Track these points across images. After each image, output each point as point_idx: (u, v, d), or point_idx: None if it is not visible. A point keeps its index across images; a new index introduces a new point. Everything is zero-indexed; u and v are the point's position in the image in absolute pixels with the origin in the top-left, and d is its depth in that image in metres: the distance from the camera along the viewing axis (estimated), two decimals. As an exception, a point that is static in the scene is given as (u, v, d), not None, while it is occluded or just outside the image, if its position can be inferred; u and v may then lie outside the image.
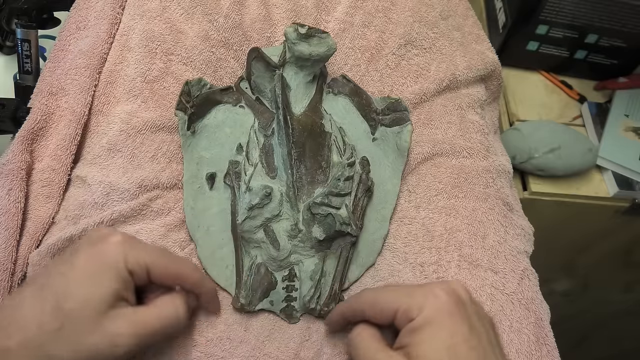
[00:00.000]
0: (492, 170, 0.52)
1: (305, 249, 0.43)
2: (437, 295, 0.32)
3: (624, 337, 1.21)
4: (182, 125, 0.44)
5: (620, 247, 0.93)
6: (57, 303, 0.31)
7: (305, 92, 0.47)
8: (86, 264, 0.32)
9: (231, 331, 0.43)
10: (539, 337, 0.44)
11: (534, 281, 0.48)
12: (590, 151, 0.76)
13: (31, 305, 0.31)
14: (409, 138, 0.47)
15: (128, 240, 0.34)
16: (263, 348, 0.42)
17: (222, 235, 0.45)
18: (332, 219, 0.42)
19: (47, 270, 0.34)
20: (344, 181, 0.44)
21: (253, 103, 0.48)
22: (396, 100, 0.48)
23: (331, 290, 0.43)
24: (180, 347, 0.41)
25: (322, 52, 0.44)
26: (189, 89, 0.45)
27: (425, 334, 0.31)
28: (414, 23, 0.55)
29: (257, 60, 0.47)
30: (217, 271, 0.44)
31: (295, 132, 0.44)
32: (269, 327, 0.43)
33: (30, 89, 0.49)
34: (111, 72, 0.48)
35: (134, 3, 0.51)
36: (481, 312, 0.34)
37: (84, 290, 0.31)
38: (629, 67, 0.87)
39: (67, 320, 0.30)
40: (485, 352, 0.31)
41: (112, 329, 0.31)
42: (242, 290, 0.43)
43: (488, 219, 0.49)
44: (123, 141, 0.46)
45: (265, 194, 0.42)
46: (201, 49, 0.49)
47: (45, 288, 0.31)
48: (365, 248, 0.46)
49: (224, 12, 0.51)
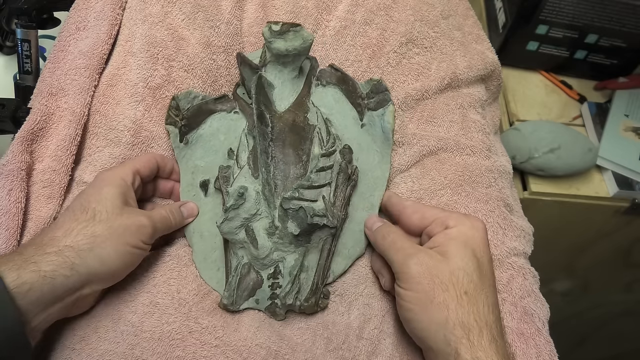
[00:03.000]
0: (494, 171, 0.52)
1: (285, 245, 0.43)
2: (474, 221, 0.40)
3: (624, 337, 1.21)
4: (174, 138, 0.46)
5: (620, 247, 0.94)
6: (83, 206, 0.39)
7: (293, 88, 0.47)
8: (91, 188, 0.41)
9: (225, 321, 0.43)
10: (524, 332, 0.44)
11: (530, 280, 0.48)
12: (590, 151, 0.77)
13: (64, 215, 0.40)
14: (391, 119, 0.46)
15: (112, 167, 0.45)
16: (255, 338, 0.42)
17: (214, 239, 0.45)
18: (304, 212, 0.41)
19: (68, 205, 0.42)
20: (316, 172, 0.43)
21: (245, 107, 0.48)
22: (377, 81, 0.47)
23: (313, 284, 0.43)
24: (176, 333, 0.41)
25: (298, 45, 0.44)
26: (177, 104, 0.46)
27: (459, 242, 0.38)
28: (415, 22, 0.55)
29: (243, 65, 0.47)
30: (209, 274, 0.45)
31: (275, 129, 0.44)
32: (260, 319, 0.43)
33: (30, 89, 0.49)
34: (113, 76, 0.48)
35: (135, 6, 0.50)
36: None
37: (97, 195, 0.40)
38: (629, 67, 0.87)
39: (95, 212, 0.38)
40: (493, 276, 0.40)
41: (133, 216, 0.40)
42: (225, 291, 0.43)
43: (487, 221, 0.49)
44: (134, 156, 0.47)
45: (239, 194, 0.42)
46: (202, 57, 0.49)
47: (68, 208, 0.40)
48: (352, 239, 0.46)
49: (226, 19, 0.51)
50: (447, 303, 0.36)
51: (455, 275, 0.37)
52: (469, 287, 0.37)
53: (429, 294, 0.36)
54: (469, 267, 0.37)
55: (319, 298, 0.43)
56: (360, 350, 0.43)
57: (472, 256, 0.38)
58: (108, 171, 0.43)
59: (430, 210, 0.42)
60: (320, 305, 0.44)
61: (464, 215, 0.41)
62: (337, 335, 0.43)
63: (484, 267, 0.38)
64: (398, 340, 0.43)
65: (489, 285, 0.38)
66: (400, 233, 0.42)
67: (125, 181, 0.41)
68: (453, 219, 0.40)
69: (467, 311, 0.36)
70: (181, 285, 0.44)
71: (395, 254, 0.40)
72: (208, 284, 0.44)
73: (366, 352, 0.43)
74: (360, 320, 0.44)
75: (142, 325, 0.41)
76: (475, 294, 0.37)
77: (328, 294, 0.45)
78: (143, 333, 0.41)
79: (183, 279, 0.44)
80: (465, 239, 0.39)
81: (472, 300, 0.36)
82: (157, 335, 0.41)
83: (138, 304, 0.42)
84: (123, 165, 0.43)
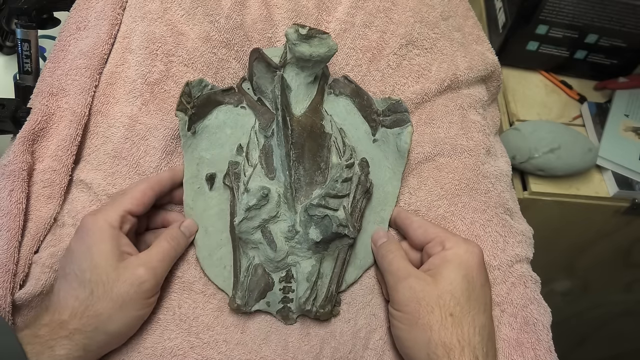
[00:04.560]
0: (492, 174, 0.52)
1: (302, 251, 0.43)
2: (470, 245, 0.42)
3: (624, 337, 1.21)
4: (183, 126, 0.44)
5: (620, 247, 0.93)
6: (79, 278, 0.38)
7: (307, 93, 0.47)
8: (80, 245, 0.39)
9: (228, 333, 0.43)
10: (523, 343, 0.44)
11: (532, 287, 0.47)
12: (590, 151, 0.77)
13: (64, 289, 0.38)
14: (409, 139, 0.47)
15: (99, 209, 0.41)
16: (260, 351, 0.42)
17: (220, 236, 0.45)
18: (329, 220, 0.42)
19: (60, 265, 0.41)
20: (341, 183, 0.43)
21: (254, 104, 0.48)
22: (397, 102, 0.48)
23: (327, 291, 0.43)
24: (178, 349, 0.41)
25: (323, 52, 0.44)
26: (190, 90, 0.45)
27: (452, 264, 0.40)
28: (415, 23, 0.55)
29: (258, 61, 0.47)
30: (215, 272, 0.44)
31: (295, 133, 0.44)
32: (266, 330, 0.43)
33: (30, 89, 0.49)
34: (112, 74, 0.48)
35: (134, 4, 0.50)
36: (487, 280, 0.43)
37: (89, 260, 0.38)
38: (629, 67, 0.87)
39: (92, 285, 0.37)
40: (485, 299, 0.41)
41: (130, 273, 0.38)
42: (238, 291, 0.43)
43: (485, 232, 0.49)
44: (128, 149, 0.46)
45: (262, 195, 0.42)
46: (202, 51, 0.49)
47: (64, 275, 0.39)
48: (363, 250, 0.46)
49: (225, 13, 0.51)
50: (431, 324, 0.38)
51: (442, 298, 0.39)
52: (455, 309, 0.39)
53: (414, 316, 0.39)
54: (457, 290, 0.39)
55: (333, 305, 0.44)
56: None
57: (462, 279, 0.40)
58: (92, 217, 0.40)
59: (433, 228, 0.44)
60: (334, 313, 0.44)
61: (462, 239, 0.42)
62: (344, 345, 0.43)
63: (475, 290, 0.40)
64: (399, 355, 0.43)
65: (479, 308, 0.40)
66: (398, 253, 0.43)
67: (113, 228, 0.39)
68: (451, 241, 0.42)
69: (450, 332, 0.38)
70: (182, 300, 0.43)
71: (389, 275, 0.42)
72: (214, 282, 0.44)
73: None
74: (366, 330, 0.44)
75: (145, 341, 0.41)
76: (460, 316, 0.38)
77: (340, 302, 0.45)
78: (145, 349, 0.41)
79: (182, 290, 0.44)
80: (459, 261, 0.40)
81: (457, 322, 0.38)
82: (158, 351, 0.41)
83: None
84: (111, 205, 0.41)
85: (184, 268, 0.45)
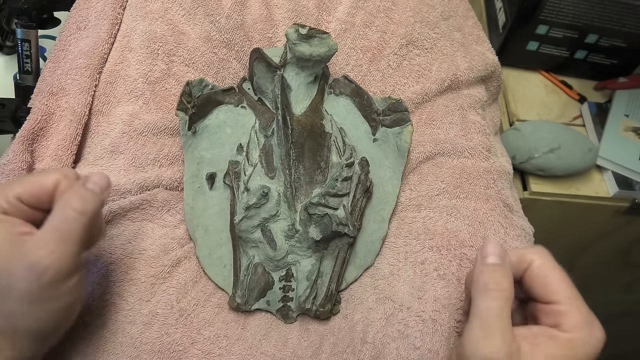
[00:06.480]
0: (493, 172, 0.52)
1: (302, 250, 0.43)
2: (595, 332, 0.33)
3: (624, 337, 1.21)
4: (183, 125, 0.44)
5: (620, 247, 0.93)
6: None
7: (307, 92, 0.47)
8: None
9: (228, 329, 0.43)
10: None
11: None
12: (590, 151, 0.76)
13: None
14: (409, 139, 0.47)
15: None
16: (260, 346, 0.42)
17: (220, 235, 0.45)
18: (329, 219, 0.42)
19: None
20: (341, 182, 0.43)
21: (254, 103, 0.48)
22: (397, 101, 0.48)
23: (327, 290, 0.43)
24: (178, 345, 0.41)
25: (323, 52, 0.44)
26: (190, 90, 0.45)
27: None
28: (415, 23, 0.55)
29: (258, 61, 0.47)
30: (215, 270, 0.44)
31: (295, 132, 0.44)
32: (266, 326, 0.43)
33: (30, 89, 0.49)
34: (112, 73, 0.48)
35: (135, 4, 0.50)
36: None
37: None
38: (629, 67, 0.87)
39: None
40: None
41: (24, 265, 0.30)
42: (238, 290, 0.43)
43: (489, 220, 0.49)
44: (125, 143, 0.46)
45: (262, 194, 0.42)
46: (203, 50, 0.49)
47: None
48: (364, 249, 0.46)
49: (226, 13, 0.51)
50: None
51: None
52: None
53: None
54: None
55: (333, 304, 0.44)
56: (365, 354, 0.43)
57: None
58: None
59: (557, 285, 0.36)
60: (334, 312, 0.44)
61: (587, 321, 0.33)
62: (342, 340, 0.43)
63: None
64: (403, 345, 0.43)
65: None
66: (503, 296, 0.34)
67: (5, 213, 0.32)
68: (572, 320, 0.33)
69: None
70: (181, 294, 0.43)
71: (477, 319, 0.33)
72: (213, 280, 0.44)
73: (370, 356, 0.43)
74: (363, 324, 0.44)
75: (142, 337, 0.41)
76: None
77: (340, 301, 0.45)
78: (143, 345, 0.40)
79: (182, 287, 0.44)
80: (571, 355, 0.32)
81: None
82: (157, 347, 0.40)
83: (136, 314, 0.41)
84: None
85: (184, 267, 0.45)
